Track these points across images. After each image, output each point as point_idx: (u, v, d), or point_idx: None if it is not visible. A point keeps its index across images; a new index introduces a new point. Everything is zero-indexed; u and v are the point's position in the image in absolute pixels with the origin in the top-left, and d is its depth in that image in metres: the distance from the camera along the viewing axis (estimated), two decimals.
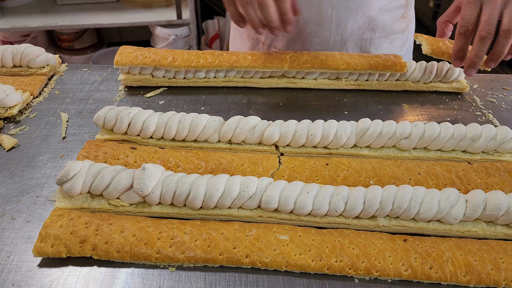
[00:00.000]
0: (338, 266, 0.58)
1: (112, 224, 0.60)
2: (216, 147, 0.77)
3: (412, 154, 0.76)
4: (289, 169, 0.70)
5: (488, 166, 0.71)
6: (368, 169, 0.70)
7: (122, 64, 0.90)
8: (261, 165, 0.70)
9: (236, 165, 0.70)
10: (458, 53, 0.80)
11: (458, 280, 0.57)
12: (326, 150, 0.76)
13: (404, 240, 0.60)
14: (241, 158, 0.71)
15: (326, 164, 0.70)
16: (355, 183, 0.68)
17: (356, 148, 0.77)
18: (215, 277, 0.58)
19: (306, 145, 0.76)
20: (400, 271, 0.57)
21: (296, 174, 0.69)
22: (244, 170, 0.69)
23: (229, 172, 0.69)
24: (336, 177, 0.69)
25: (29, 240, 0.62)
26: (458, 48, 0.80)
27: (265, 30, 0.81)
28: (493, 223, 0.63)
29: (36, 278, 0.57)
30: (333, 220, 0.64)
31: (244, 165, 0.70)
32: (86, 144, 0.73)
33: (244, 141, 0.76)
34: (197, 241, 0.59)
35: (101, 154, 0.72)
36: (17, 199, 0.67)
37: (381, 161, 0.72)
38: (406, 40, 1.13)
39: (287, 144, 0.76)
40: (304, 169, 0.70)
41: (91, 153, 0.72)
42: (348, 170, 0.69)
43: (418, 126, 0.75)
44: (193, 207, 0.64)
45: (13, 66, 0.94)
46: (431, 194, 0.63)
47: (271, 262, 0.58)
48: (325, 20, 1.01)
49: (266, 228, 0.61)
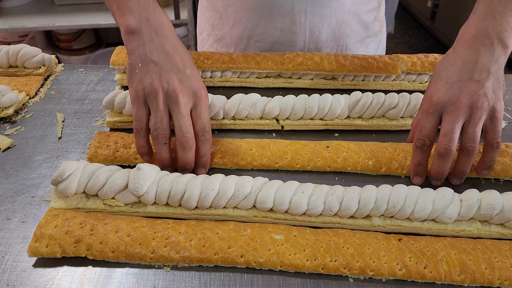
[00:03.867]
0: (332, 266, 0.58)
1: (107, 224, 0.60)
2: (222, 123, 0.81)
3: (400, 123, 0.82)
4: (292, 152, 0.74)
5: None
6: (367, 150, 0.74)
7: (118, 64, 0.90)
8: (269, 149, 0.74)
9: (245, 150, 0.74)
10: (416, 168, 0.69)
11: (452, 279, 0.57)
12: (323, 122, 0.82)
13: (399, 239, 0.60)
14: (249, 143, 0.75)
15: (326, 147, 0.74)
16: (355, 164, 0.73)
17: (350, 119, 0.82)
18: (210, 276, 0.58)
19: (304, 117, 0.82)
20: (394, 271, 0.57)
21: (298, 156, 0.73)
22: (253, 154, 0.73)
23: (238, 157, 0.73)
24: (336, 159, 0.73)
25: (24, 240, 0.62)
26: (416, 163, 0.69)
27: (172, 169, 0.71)
28: (487, 223, 0.63)
29: (30, 278, 0.57)
30: (328, 220, 0.64)
31: (252, 149, 0.74)
32: (96, 134, 0.76)
33: (247, 116, 0.81)
34: (192, 241, 0.59)
35: (112, 143, 0.74)
36: (12, 199, 0.67)
37: (378, 143, 0.76)
38: (380, 42, 1.13)
39: (287, 117, 0.81)
40: (306, 151, 0.74)
41: (102, 143, 0.74)
42: (347, 152, 0.74)
43: (405, 97, 0.81)
44: (188, 207, 0.64)
45: (9, 66, 0.94)
46: (425, 193, 0.63)
47: (266, 262, 0.58)
48: (299, 28, 0.99)
49: (261, 228, 0.61)
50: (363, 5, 1.02)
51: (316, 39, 1.01)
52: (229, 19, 1.03)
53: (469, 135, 0.64)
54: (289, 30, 1.00)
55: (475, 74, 0.65)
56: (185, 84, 0.67)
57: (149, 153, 0.70)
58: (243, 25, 1.02)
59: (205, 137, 0.69)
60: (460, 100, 0.63)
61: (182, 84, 0.66)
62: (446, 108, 0.65)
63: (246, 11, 1.00)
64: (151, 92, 0.65)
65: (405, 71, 0.92)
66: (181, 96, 0.65)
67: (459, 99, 0.64)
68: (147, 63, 0.67)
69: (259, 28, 1.01)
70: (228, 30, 1.05)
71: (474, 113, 0.63)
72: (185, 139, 0.66)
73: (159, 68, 0.67)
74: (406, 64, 0.92)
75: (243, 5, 0.99)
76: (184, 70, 0.68)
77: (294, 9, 0.97)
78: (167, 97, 0.65)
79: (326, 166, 0.73)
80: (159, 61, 0.67)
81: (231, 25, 1.04)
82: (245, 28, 1.02)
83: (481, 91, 0.63)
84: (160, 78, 0.66)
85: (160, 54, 0.68)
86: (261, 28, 1.01)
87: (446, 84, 0.66)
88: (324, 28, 0.99)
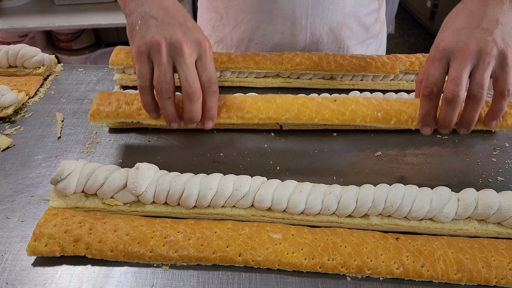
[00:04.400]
0: (330, 265, 0.58)
1: (106, 223, 0.61)
2: (220, 122, 0.76)
3: None
4: (298, 105, 0.72)
5: None
6: (375, 104, 0.71)
7: (117, 64, 0.90)
8: (275, 102, 0.72)
9: (250, 104, 0.72)
10: (424, 118, 0.67)
11: (449, 278, 0.57)
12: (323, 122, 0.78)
13: (396, 238, 0.61)
14: (254, 97, 0.74)
15: (334, 100, 0.72)
16: (364, 116, 0.70)
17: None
18: (208, 275, 0.58)
19: None
20: (392, 269, 0.58)
21: (305, 108, 0.71)
22: (259, 108, 0.71)
23: (244, 111, 0.71)
24: (344, 111, 0.71)
25: (23, 239, 0.62)
26: (424, 113, 0.66)
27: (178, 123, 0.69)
28: (484, 222, 0.64)
29: (30, 277, 0.57)
30: (326, 219, 0.64)
31: (258, 103, 0.72)
32: (98, 94, 0.74)
33: None
34: (190, 240, 0.59)
35: (114, 100, 0.72)
36: (11, 198, 0.68)
37: (386, 98, 0.74)
38: (380, 44, 1.13)
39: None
40: (313, 104, 0.72)
41: (104, 101, 0.73)
42: (355, 105, 0.71)
43: (403, 96, 0.83)
44: (187, 206, 0.64)
45: (9, 66, 0.95)
46: (423, 192, 0.63)
47: (264, 261, 0.58)
48: (300, 31, 0.99)
49: (259, 227, 0.61)
50: (364, 7, 1.02)
51: (317, 41, 1.01)
52: (230, 21, 1.04)
53: (477, 81, 0.61)
54: (290, 33, 1.00)
55: (483, 23, 0.63)
56: (188, 35, 0.64)
57: (155, 110, 0.68)
58: (244, 27, 1.02)
59: (212, 89, 0.66)
60: (468, 46, 0.61)
61: (185, 35, 0.63)
62: (453, 54, 0.63)
63: (247, 13, 1.00)
64: (154, 46, 0.62)
65: (404, 71, 0.92)
66: (186, 47, 0.62)
67: (466, 44, 0.61)
68: (147, 19, 0.65)
69: (260, 30, 1.01)
70: (228, 32, 1.05)
71: (482, 59, 0.61)
72: (192, 89, 0.63)
73: (160, 22, 0.64)
74: (404, 64, 0.92)
75: (244, 7, 1.00)
76: (185, 23, 0.65)
77: (295, 12, 0.97)
78: (171, 49, 0.63)
79: (334, 118, 0.71)
80: (159, 16, 0.65)
81: (232, 27, 1.04)
82: (246, 30, 1.02)
83: (490, 38, 0.61)
84: (162, 31, 0.63)
85: (159, 11, 0.65)
86: (262, 31, 1.01)
87: (453, 31, 0.64)
88: (325, 31, 1.00)
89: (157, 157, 0.77)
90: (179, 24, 0.65)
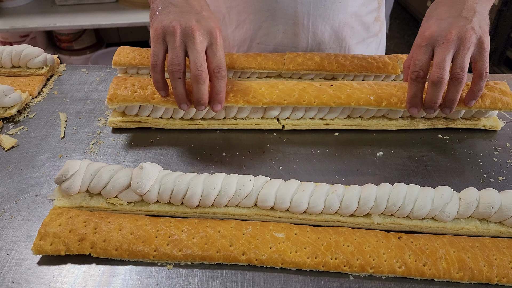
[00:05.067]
0: (333, 263, 0.58)
1: (110, 223, 0.61)
2: (223, 122, 0.83)
3: (400, 123, 0.84)
4: (299, 90, 0.79)
5: None
6: (368, 88, 0.80)
7: (120, 65, 0.91)
8: (277, 88, 0.79)
9: (255, 89, 0.79)
10: (412, 100, 0.75)
11: (451, 277, 0.58)
12: (323, 121, 0.83)
13: (399, 237, 0.61)
14: (258, 83, 0.81)
15: (330, 85, 0.80)
16: (358, 99, 0.78)
17: (350, 119, 0.84)
18: (212, 274, 0.59)
19: (304, 117, 0.83)
20: (394, 268, 0.58)
21: (305, 94, 0.79)
22: (263, 93, 0.78)
23: (249, 95, 0.78)
24: (340, 95, 0.79)
25: (28, 239, 0.62)
26: (412, 95, 0.75)
27: (188, 105, 0.75)
28: (486, 221, 0.64)
29: (35, 275, 0.58)
30: (329, 218, 0.64)
31: (262, 88, 0.79)
32: (114, 78, 0.80)
33: (248, 116, 0.83)
34: (194, 239, 0.60)
35: (130, 85, 0.78)
36: (16, 198, 0.68)
37: (378, 82, 0.83)
38: (380, 43, 1.14)
39: (287, 117, 0.83)
40: (312, 89, 0.79)
41: (120, 85, 0.78)
42: (350, 89, 0.79)
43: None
44: (190, 206, 0.65)
45: (12, 66, 0.95)
46: (424, 192, 0.64)
47: (267, 260, 0.59)
48: (302, 30, 1.00)
49: (262, 226, 0.62)
50: (365, 6, 1.03)
51: (319, 41, 1.02)
52: (232, 21, 1.04)
53: (458, 65, 0.70)
54: (292, 32, 1.00)
55: (463, 12, 0.71)
56: (202, 24, 0.70)
57: (164, 88, 0.75)
58: (246, 27, 1.03)
59: (221, 74, 0.71)
60: (450, 33, 0.69)
61: (199, 23, 0.70)
62: (438, 41, 0.70)
63: (249, 13, 1.00)
64: (170, 30, 0.69)
65: None
66: (197, 34, 0.69)
67: (449, 32, 0.70)
68: (167, 6, 0.72)
69: (262, 30, 1.02)
70: (231, 32, 1.06)
71: (463, 44, 0.69)
72: (199, 72, 0.69)
73: (179, 9, 0.71)
74: None
75: (246, 7, 1.00)
76: (201, 12, 0.72)
77: (297, 12, 0.97)
78: (184, 35, 0.69)
79: (331, 102, 0.78)
80: (179, 4, 0.72)
81: (234, 27, 1.04)
82: (248, 30, 1.03)
83: (469, 26, 0.70)
84: (179, 18, 0.70)
85: (177, 0, 0.72)
86: (264, 30, 1.02)
87: (437, 20, 0.72)
88: (327, 30, 1.00)
89: (160, 157, 0.77)
90: (196, 12, 0.71)
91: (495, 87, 0.81)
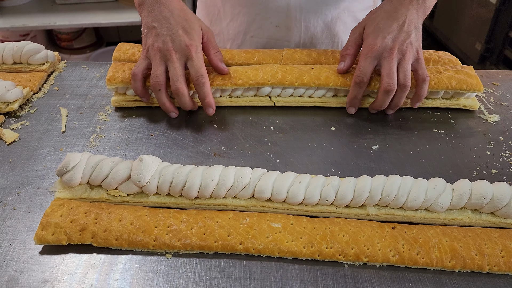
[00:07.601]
0: (328, 252, 0.60)
1: (110, 213, 0.62)
2: (219, 100, 0.88)
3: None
4: (282, 71, 0.86)
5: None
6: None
7: (120, 60, 0.92)
8: (262, 71, 0.86)
9: (241, 72, 0.86)
10: (352, 101, 0.85)
11: (443, 265, 0.59)
12: (311, 99, 0.89)
13: (393, 227, 0.62)
14: (244, 67, 0.88)
15: (311, 68, 0.87)
16: (336, 80, 0.86)
17: (336, 97, 0.89)
18: (210, 263, 0.60)
19: (294, 94, 0.88)
20: (388, 257, 0.59)
21: (288, 75, 0.86)
22: (249, 75, 0.85)
23: (236, 78, 0.85)
24: (319, 77, 0.86)
25: (30, 229, 0.64)
26: (353, 97, 0.84)
27: (176, 113, 0.85)
28: (478, 211, 0.66)
29: (37, 264, 0.59)
30: (325, 209, 0.66)
31: (247, 72, 0.86)
32: (112, 63, 0.88)
33: (242, 94, 0.88)
34: (193, 229, 0.61)
35: (127, 69, 0.85)
36: (18, 190, 0.70)
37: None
38: None
39: (278, 94, 0.88)
40: (294, 71, 0.86)
41: (118, 69, 0.85)
42: (328, 72, 0.86)
43: None
44: (189, 197, 0.66)
45: (13, 63, 0.96)
46: (418, 183, 0.65)
47: (264, 249, 0.60)
48: (294, 24, 1.02)
49: (259, 217, 0.63)
50: (358, 3, 1.04)
51: (311, 35, 1.03)
52: (226, 14, 1.06)
53: (403, 73, 0.80)
54: (284, 26, 1.02)
55: (405, 27, 0.81)
56: (176, 44, 0.80)
57: (145, 96, 0.85)
58: (240, 20, 1.04)
59: (200, 81, 0.80)
60: (394, 48, 0.80)
61: (174, 43, 0.80)
62: (383, 54, 0.80)
63: (243, 6, 1.02)
64: (152, 52, 0.81)
65: None
66: (174, 54, 0.79)
67: (393, 47, 0.80)
68: (150, 29, 0.82)
69: (255, 23, 1.03)
70: (225, 25, 1.07)
71: (404, 56, 0.80)
72: (175, 86, 0.79)
73: (158, 32, 0.81)
74: None
75: (240, 1, 1.02)
76: (177, 31, 0.80)
77: (289, 5, 0.99)
78: (163, 55, 0.80)
79: (311, 82, 0.85)
80: (158, 25, 0.81)
81: (228, 20, 1.06)
82: (241, 23, 1.04)
83: (408, 40, 0.80)
84: (158, 40, 0.80)
85: (159, 20, 0.81)
86: (257, 24, 1.03)
87: (384, 36, 0.80)
88: (319, 24, 1.02)
89: (160, 150, 0.78)
90: (171, 33, 0.80)
91: (461, 71, 0.88)
